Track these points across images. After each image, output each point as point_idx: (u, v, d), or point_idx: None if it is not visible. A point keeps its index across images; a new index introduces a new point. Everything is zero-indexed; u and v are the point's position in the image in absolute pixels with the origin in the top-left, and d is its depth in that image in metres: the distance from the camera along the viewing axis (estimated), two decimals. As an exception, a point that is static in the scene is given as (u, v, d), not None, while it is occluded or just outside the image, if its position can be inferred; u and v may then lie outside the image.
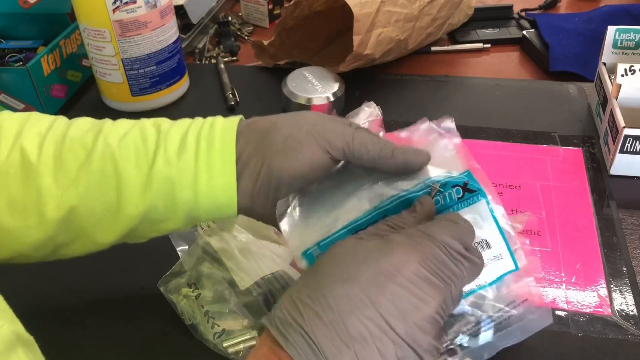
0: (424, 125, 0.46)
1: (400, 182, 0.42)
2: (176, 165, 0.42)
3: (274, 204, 0.43)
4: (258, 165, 0.42)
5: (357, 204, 0.42)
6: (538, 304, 0.43)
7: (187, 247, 0.55)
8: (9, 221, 0.43)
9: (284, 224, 0.43)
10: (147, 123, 0.45)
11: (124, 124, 0.46)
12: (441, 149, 0.45)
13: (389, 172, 0.43)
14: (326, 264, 0.37)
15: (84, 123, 0.46)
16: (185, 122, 0.45)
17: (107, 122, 0.46)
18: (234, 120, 0.44)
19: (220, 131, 0.43)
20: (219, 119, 0.45)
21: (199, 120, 0.45)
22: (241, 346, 0.48)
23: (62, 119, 0.47)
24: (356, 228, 0.42)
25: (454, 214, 0.41)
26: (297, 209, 0.43)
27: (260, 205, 0.44)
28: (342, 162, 0.45)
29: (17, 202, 0.43)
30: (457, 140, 0.46)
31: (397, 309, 0.35)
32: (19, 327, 0.33)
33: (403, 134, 0.48)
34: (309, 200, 0.44)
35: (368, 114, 0.68)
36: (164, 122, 0.46)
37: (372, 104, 0.69)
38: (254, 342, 0.48)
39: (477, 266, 0.38)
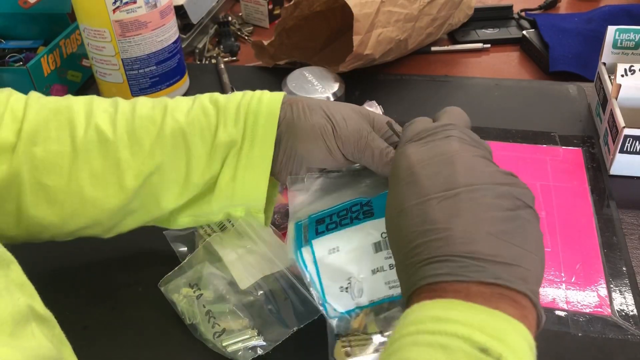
0: None
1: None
2: (233, 135, 0.48)
3: (295, 172, 0.50)
4: (287, 142, 0.49)
5: (349, 194, 0.48)
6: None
7: (185, 248, 0.56)
8: (91, 191, 0.48)
9: (292, 197, 0.49)
10: (205, 100, 0.51)
11: (184, 100, 0.51)
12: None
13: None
14: (402, 214, 0.37)
15: (146, 102, 0.52)
16: (237, 96, 0.50)
17: (168, 100, 0.52)
18: (279, 96, 0.50)
19: (267, 104, 0.49)
20: (267, 94, 0.50)
21: (248, 94, 0.50)
22: (240, 345, 0.48)
23: (121, 100, 0.52)
24: (340, 208, 0.47)
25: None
26: (307, 189, 0.49)
27: (285, 172, 0.50)
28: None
29: (98, 175, 0.48)
30: None
31: (474, 175, 0.36)
32: (37, 303, 0.35)
33: None
34: (318, 185, 0.49)
35: (368, 114, 0.68)
36: (220, 97, 0.51)
37: (374, 103, 0.70)
38: (253, 342, 0.48)
39: (450, 111, 0.46)
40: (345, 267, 0.45)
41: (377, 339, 0.44)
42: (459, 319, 0.31)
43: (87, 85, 0.87)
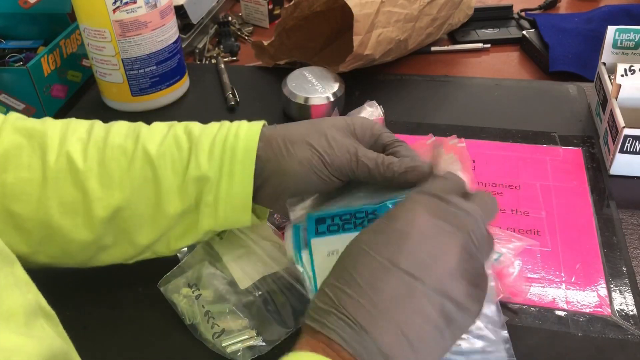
0: (430, 141, 0.47)
1: (392, 193, 0.46)
2: (206, 170, 0.47)
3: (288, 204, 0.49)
4: (277, 182, 0.47)
5: (353, 200, 0.47)
6: (500, 336, 0.44)
7: (185, 248, 0.56)
8: (59, 220, 0.47)
9: (292, 207, 0.48)
10: (179, 130, 0.49)
11: (158, 128, 0.50)
12: (447, 164, 0.45)
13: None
14: (345, 250, 0.39)
15: (121, 128, 0.50)
16: (213, 128, 0.49)
17: (143, 127, 0.50)
18: (257, 130, 0.48)
19: (244, 140, 0.47)
20: (243, 127, 0.49)
21: (225, 126, 0.49)
22: (240, 345, 0.48)
23: (98, 124, 0.51)
24: (344, 212, 0.45)
25: (444, 172, 0.43)
26: (306, 200, 0.49)
27: (278, 205, 0.49)
28: None
29: (67, 204, 0.47)
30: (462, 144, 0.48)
31: (418, 262, 0.36)
32: (42, 300, 0.35)
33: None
34: (316, 200, 0.49)
35: (369, 114, 0.69)
36: (195, 127, 0.50)
37: (374, 104, 0.70)
38: (252, 342, 0.48)
39: (485, 201, 0.40)
40: None
41: None
42: None
43: (87, 85, 0.87)
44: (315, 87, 0.75)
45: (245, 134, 0.48)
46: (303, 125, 0.49)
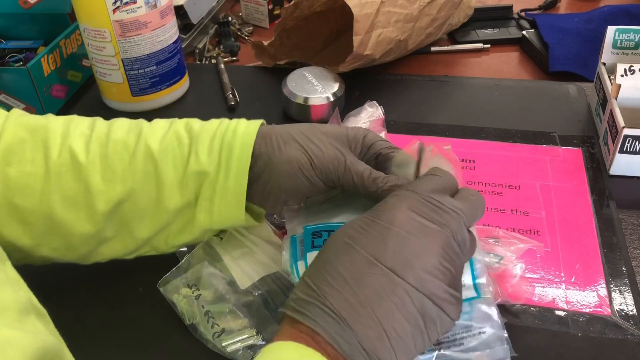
0: (415, 146, 0.48)
1: None
2: (206, 165, 0.48)
3: (279, 204, 0.50)
4: (267, 178, 0.48)
5: (349, 213, 0.47)
6: (499, 336, 0.44)
7: (185, 248, 0.56)
8: (62, 214, 0.48)
9: (289, 218, 0.49)
10: (180, 126, 0.50)
11: (159, 125, 0.51)
12: (435, 164, 0.45)
13: None
14: (328, 243, 0.40)
15: (123, 124, 0.51)
16: (213, 125, 0.50)
17: (145, 123, 0.51)
18: (255, 127, 0.49)
19: (242, 136, 0.48)
20: (242, 124, 0.50)
21: (224, 123, 0.50)
22: (239, 345, 0.48)
23: (100, 120, 0.52)
24: (338, 226, 0.45)
25: (434, 168, 0.43)
26: (303, 211, 0.49)
27: (270, 204, 0.50)
28: None
29: (70, 197, 0.48)
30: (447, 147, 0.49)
31: (401, 259, 0.37)
32: (34, 298, 0.36)
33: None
34: (313, 211, 0.49)
35: (370, 114, 0.69)
36: (195, 124, 0.51)
37: (375, 104, 0.70)
38: (252, 341, 0.48)
39: (471, 202, 0.41)
40: None
41: None
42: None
43: (87, 85, 0.87)
44: (315, 87, 0.75)
45: (243, 131, 0.49)
46: (299, 127, 0.50)
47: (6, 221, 0.47)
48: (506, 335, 0.44)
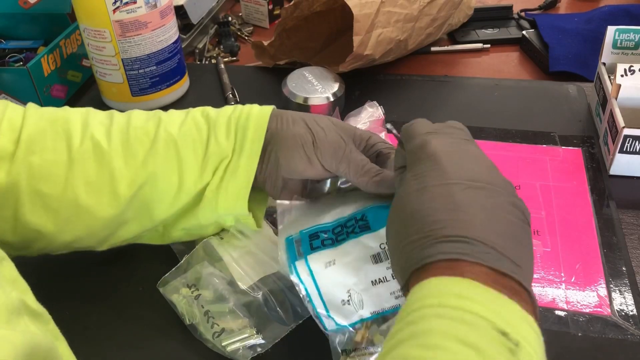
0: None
1: (378, 200, 0.48)
2: (225, 147, 0.50)
3: (279, 184, 0.51)
4: (270, 151, 0.50)
5: (340, 212, 0.48)
6: None
7: (184, 248, 0.56)
8: (86, 199, 0.49)
9: (280, 217, 0.50)
10: (197, 114, 0.53)
11: (176, 114, 0.53)
12: None
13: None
14: (398, 215, 0.38)
15: (140, 114, 0.53)
16: (227, 110, 0.52)
17: (162, 113, 0.54)
18: (268, 111, 0.51)
19: (255, 119, 0.51)
20: (255, 108, 0.52)
21: (238, 108, 0.52)
22: (239, 345, 0.48)
23: (116, 112, 0.54)
24: (335, 225, 0.47)
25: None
26: (295, 210, 0.51)
27: (271, 183, 0.51)
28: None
29: (93, 183, 0.49)
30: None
31: (466, 171, 0.37)
32: (30, 298, 0.36)
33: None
34: (307, 206, 0.51)
35: (370, 114, 0.68)
36: (211, 111, 0.53)
37: (375, 104, 0.70)
38: (252, 341, 0.48)
39: (452, 123, 0.43)
40: (342, 280, 0.45)
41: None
42: (481, 300, 0.32)
43: (87, 85, 0.87)
44: (315, 87, 0.75)
45: (257, 114, 0.51)
46: (309, 114, 0.52)
47: (31, 209, 0.48)
48: None
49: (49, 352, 0.32)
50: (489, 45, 0.91)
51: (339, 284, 0.45)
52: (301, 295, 0.45)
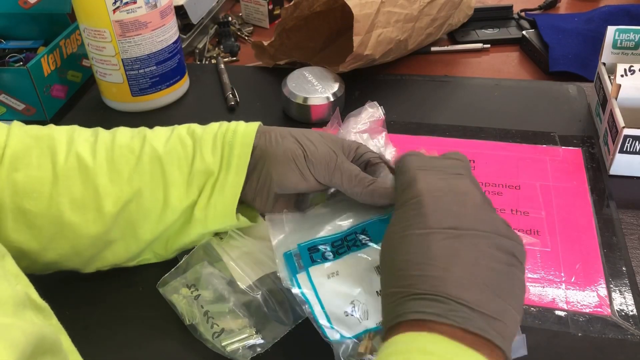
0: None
1: (373, 211, 0.48)
2: (210, 164, 0.50)
3: (271, 200, 0.51)
4: (261, 168, 0.50)
5: (336, 224, 0.48)
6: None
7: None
8: (70, 216, 0.49)
9: (273, 232, 0.49)
10: (182, 131, 0.52)
11: (161, 131, 0.53)
12: None
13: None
14: (384, 255, 0.40)
15: (125, 131, 0.53)
16: (213, 127, 0.52)
17: (147, 130, 0.53)
18: (254, 127, 0.51)
19: (241, 135, 0.50)
20: (242, 125, 0.51)
21: (224, 125, 0.52)
22: (239, 345, 0.48)
23: (102, 129, 0.54)
24: (334, 238, 0.47)
25: (408, 152, 0.45)
26: (287, 224, 0.50)
27: (262, 200, 0.51)
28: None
29: (78, 200, 0.49)
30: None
31: (451, 215, 0.37)
32: (33, 293, 0.36)
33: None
34: (299, 219, 0.50)
35: (370, 114, 0.68)
36: (197, 128, 0.53)
37: (375, 104, 0.70)
38: (252, 341, 0.48)
39: (452, 154, 0.43)
40: (346, 290, 0.45)
41: None
42: (445, 355, 0.33)
43: (87, 85, 0.87)
44: (315, 87, 0.75)
45: (243, 131, 0.51)
46: (297, 128, 0.52)
47: (15, 226, 0.48)
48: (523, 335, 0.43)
49: (54, 345, 0.33)
50: (489, 45, 0.91)
51: (343, 295, 0.45)
52: (304, 308, 0.45)
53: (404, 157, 0.43)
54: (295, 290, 0.45)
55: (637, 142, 0.62)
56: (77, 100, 0.84)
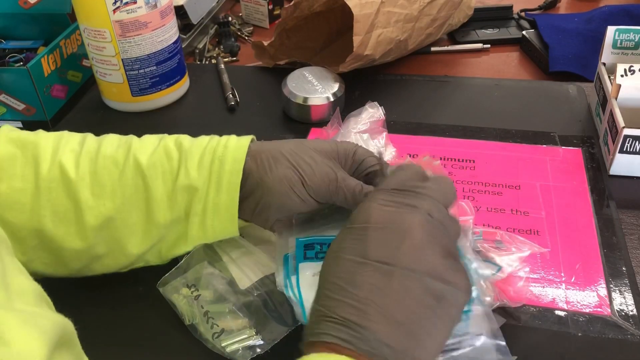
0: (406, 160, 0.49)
1: None
2: (195, 180, 0.48)
3: (270, 222, 0.50)
4: (259, 197, 0.48)
5: (336, 228, 0.48)
6: (497, 346, 0.43)
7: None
8: (52, 229, 0.48)
9: (278, 238, 0.50)
10: (170, 142, 0.51)
11: (149, 140, 0.51)
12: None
13: None
14: (322, 265, 0.40)
15: (113, 139, 0.52)
16: (203, 141, 0.51)
17: (134, 139, 0.52)
18: (245, 142, 0.50)
19: (232, 151, 0.49)
20: (232, 140, 0.50)
21: (214, 139, 0.51)
22: (239, 345, 0.48)
23: (90, 136, 0.52)
24: (331, 240, 0.46)
25: (399, 165, 0.45)
26: (296, 227, 0.49)
27: (260, 221, 0.50)
28: None
29: (60, 213, 0.48)
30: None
31: (386, 249, 0.37)
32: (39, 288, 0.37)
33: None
34: (304, 226, 0.50)
35: (370, 115, 0.69)
36: (185, 140, 0.51)
37: (375, 105, 0.70)
38: (251, 342, 0.48)
39: (440, 183, 0.42)
40: None
41: None
42: None
43: (87, 85, 0.87)
44: (315, 87, 0.75)
45: (234, 146, 0.49)
46: (289, 143, 0.50)
47: None
48: (503, 343, 0.43)
49: (71, 339, 0.34)
50: (489, 45, 0.91)
51: None
52: (295, 309, 0.46)
53: (390, 173, 0.43)
54: (289, 295, 0.46)
55: (637, 142, 0.62)
56: (77, 101, 0.84)
